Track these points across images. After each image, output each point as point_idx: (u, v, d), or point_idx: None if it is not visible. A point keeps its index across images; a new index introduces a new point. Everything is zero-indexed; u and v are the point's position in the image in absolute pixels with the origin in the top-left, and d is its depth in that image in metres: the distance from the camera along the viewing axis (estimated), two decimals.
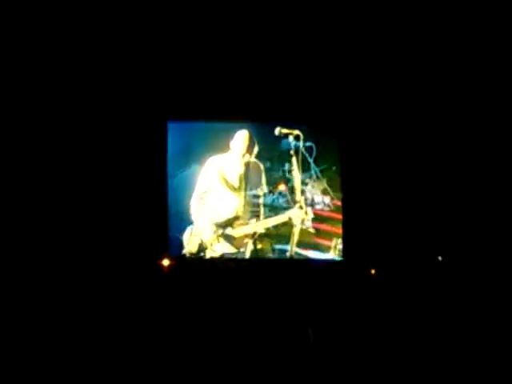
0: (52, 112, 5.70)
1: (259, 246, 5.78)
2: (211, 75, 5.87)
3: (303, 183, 5.93)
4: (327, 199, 5.97)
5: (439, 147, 5.91)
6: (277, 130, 5.94)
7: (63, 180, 5.67)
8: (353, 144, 6.01)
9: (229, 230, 5.82)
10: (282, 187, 5.92)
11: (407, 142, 5.95)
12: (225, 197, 5.89)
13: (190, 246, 5.80)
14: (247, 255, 5.78)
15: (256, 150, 5.91)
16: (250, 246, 5.78)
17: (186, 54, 5.82)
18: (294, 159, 5.95)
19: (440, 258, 5.81)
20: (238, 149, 5.93)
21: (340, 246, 5.92)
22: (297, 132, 5.96)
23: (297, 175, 5.93)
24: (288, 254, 5.78)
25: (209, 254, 5.79)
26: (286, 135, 5.96)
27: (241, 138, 5.93)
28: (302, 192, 5.91)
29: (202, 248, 5.79)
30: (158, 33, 5.65)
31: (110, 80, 5.79)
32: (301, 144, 5.95)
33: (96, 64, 5.71)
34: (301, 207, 5.87)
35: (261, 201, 5.88)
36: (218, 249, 5.79)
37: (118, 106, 5.83)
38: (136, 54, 5.75)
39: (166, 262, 5.73)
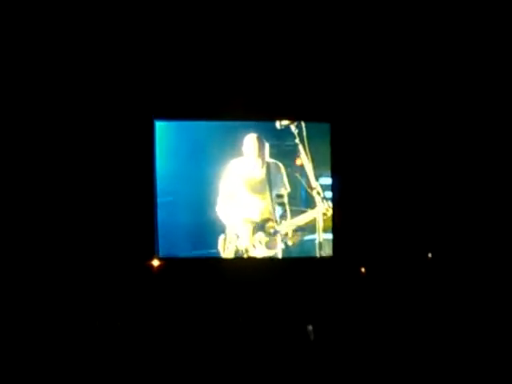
0: (36, 111, 5.77)
1: (290, 243, 6.13)
2: (201, 74, 5.96)
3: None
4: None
5: (433, 144, 6.01)
6: (277, 124, 6.12)
7: (48, 181, 5.79)
8: (346, 138, 6.13)
9: (261, 234, 6.16)
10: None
11: (401, 138, 6.07)
12: (252, 201, 6.13)
13: (226, 253, 6.13)
14: (279, 255, 6.14)
15: (268, 149, 6.10)
16: (281, 245, 6.13)
17: (177, 54, 5.89)
18: (300, 147, 6.15)
19: (430, 255, 5.95)
20: (250, 153, 6.12)
21: None
22: None
23: (306, 162, 6.16)
24: (317, 242, 6.13)
25: None
26: (288, 126, 6.13)
27: (250, 141, 6.11)
28: (317, 178, 6.16)
29: (238, 254, 6.14)
30: (149, 32, 5.70)
31: (96, 79, 5.86)
32: (304, 131, 6.11)
33: (81, 64, 5.79)
34: (318, 193, 6.16)
35: (285, 200, 6.14)
36: (254, 253, 6.14)
37: (104, 105, 5.91)
38: (127, 54, 5.82)
39: (155, 263, 5.95)
